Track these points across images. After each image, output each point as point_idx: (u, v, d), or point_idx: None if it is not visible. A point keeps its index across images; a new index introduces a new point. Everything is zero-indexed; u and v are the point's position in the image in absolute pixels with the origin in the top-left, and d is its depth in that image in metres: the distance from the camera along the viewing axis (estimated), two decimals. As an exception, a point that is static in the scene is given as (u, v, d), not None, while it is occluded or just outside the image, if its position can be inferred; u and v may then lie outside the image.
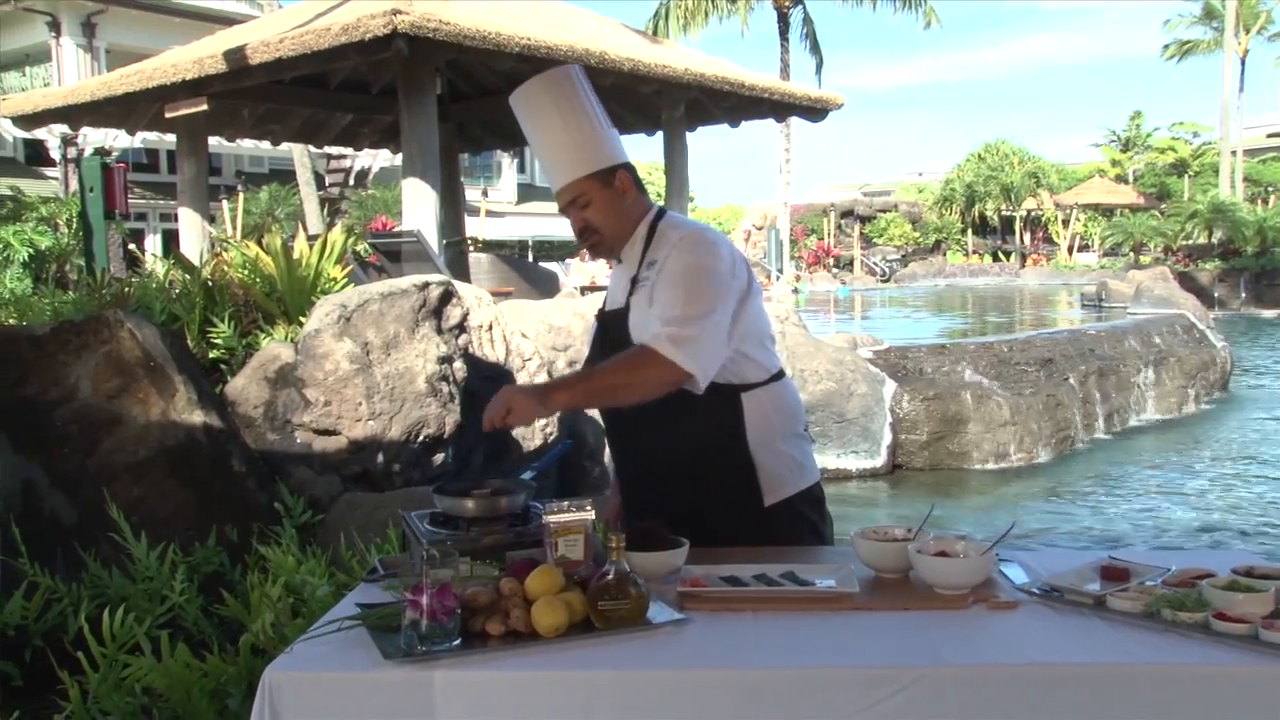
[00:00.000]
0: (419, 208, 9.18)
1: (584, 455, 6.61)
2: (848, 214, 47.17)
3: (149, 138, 16.67)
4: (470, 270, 11.17)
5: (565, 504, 2.08)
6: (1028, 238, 46.03)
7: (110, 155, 15.42)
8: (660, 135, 11.98)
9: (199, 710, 2.61)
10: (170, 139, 12.59)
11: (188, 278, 6.18)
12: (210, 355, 5.41)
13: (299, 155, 18.44)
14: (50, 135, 18.69)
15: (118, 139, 17.70)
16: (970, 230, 46.05)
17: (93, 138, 18.04)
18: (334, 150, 19.60)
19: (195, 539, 3.99)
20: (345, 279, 6.36)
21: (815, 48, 30.57)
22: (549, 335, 7.02)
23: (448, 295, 5.48)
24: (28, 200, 12.86)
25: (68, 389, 4.19)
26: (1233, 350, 14.27)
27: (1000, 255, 43.55)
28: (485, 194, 28.33)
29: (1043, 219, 45.62)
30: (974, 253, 44.10)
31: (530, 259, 24.29)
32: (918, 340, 11.67)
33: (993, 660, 1.76)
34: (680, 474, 2.50)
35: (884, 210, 49.76)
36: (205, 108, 9.90)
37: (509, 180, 33.94)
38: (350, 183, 22.66)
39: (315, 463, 4.84)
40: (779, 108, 12.24)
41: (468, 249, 12.27)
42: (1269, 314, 26.24)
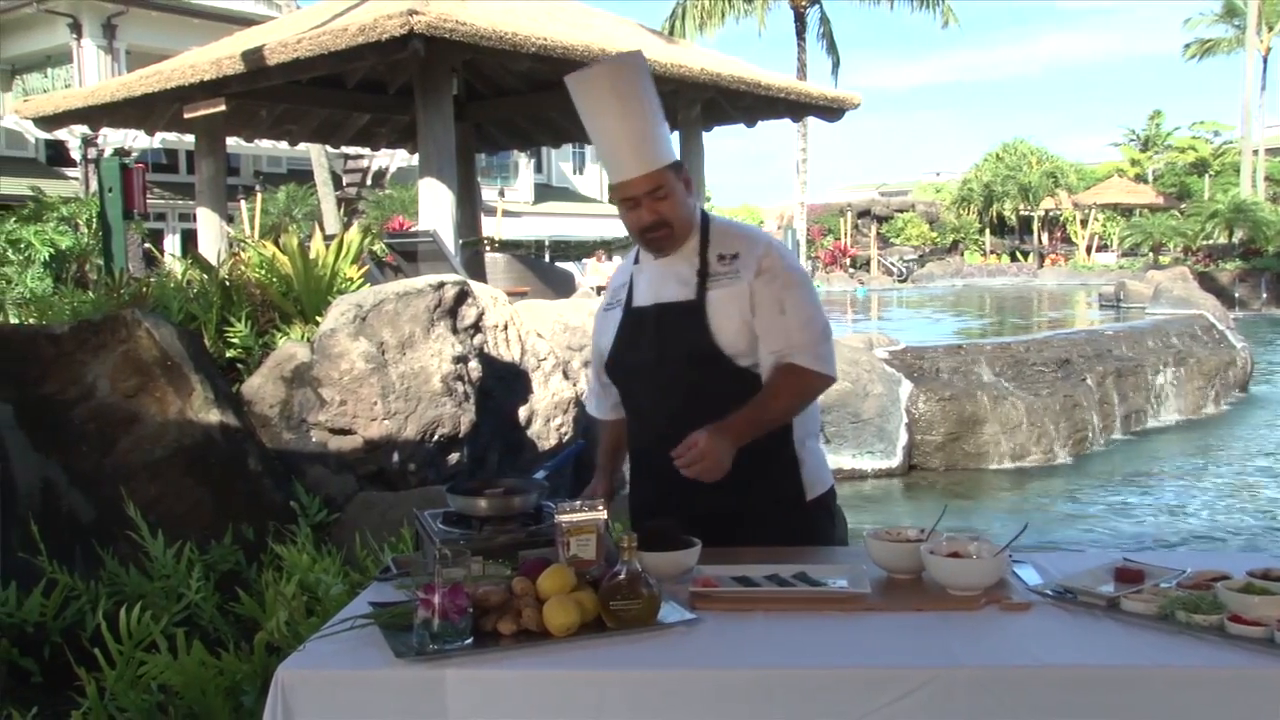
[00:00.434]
0: (435, 208, 9.20)
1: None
2: (865, 214, 47.06)
3: (168, 138, 16.75)
4: (486, 270, 11.19)
5: (578, 503, 2.08)
6: (1046, 238, 45.83)
7: (130, 156, 15.50)
8: (676, 135, 11.98)
9: (214, 707, 2.63)
10: (189, 139, 12.65)
11: (205, 277, 6.21)
12: (227, 354, 5.43)
13: (316, 155, 18.50)
14: (71, 136, 18.80)
15: (137, 139, 17.79)
16: (988, 230, 45.88)
17: (113, 138, 18.14)
18: (351, 150, 19.68)
19: (211, 537, 4.02)
20: (361, 279, 6.38)
21: (832, 47, 30.49)
22: (564, 335, 7.03)
23: (463, 295, 5.49)
24: (49, 200, 12.93)
25: (86, 388, 4.22)
26: (1253, 351, 14.16)
27: (1018, 255, 43.35)
28: (502, 194, 28.39)
29: (1061, 219, 45.42)
30: (991, 253, 43.93)
31: (547, 259, 24.31)
32: (934, 340, 11.61)
33: (1005, 662, 1.75)
34: (730, 472, 2.42)
35: (901, 210, 49.64)
36: (223, 108, 9.97)
37: (526, 180, 33.99)
38: (368, 183, 22.72)
39: (331, 462, 4.86)
40: (795, 107, 12.21)
41: (484, 249, 12.30)
42: (1290, 314, 26.04)
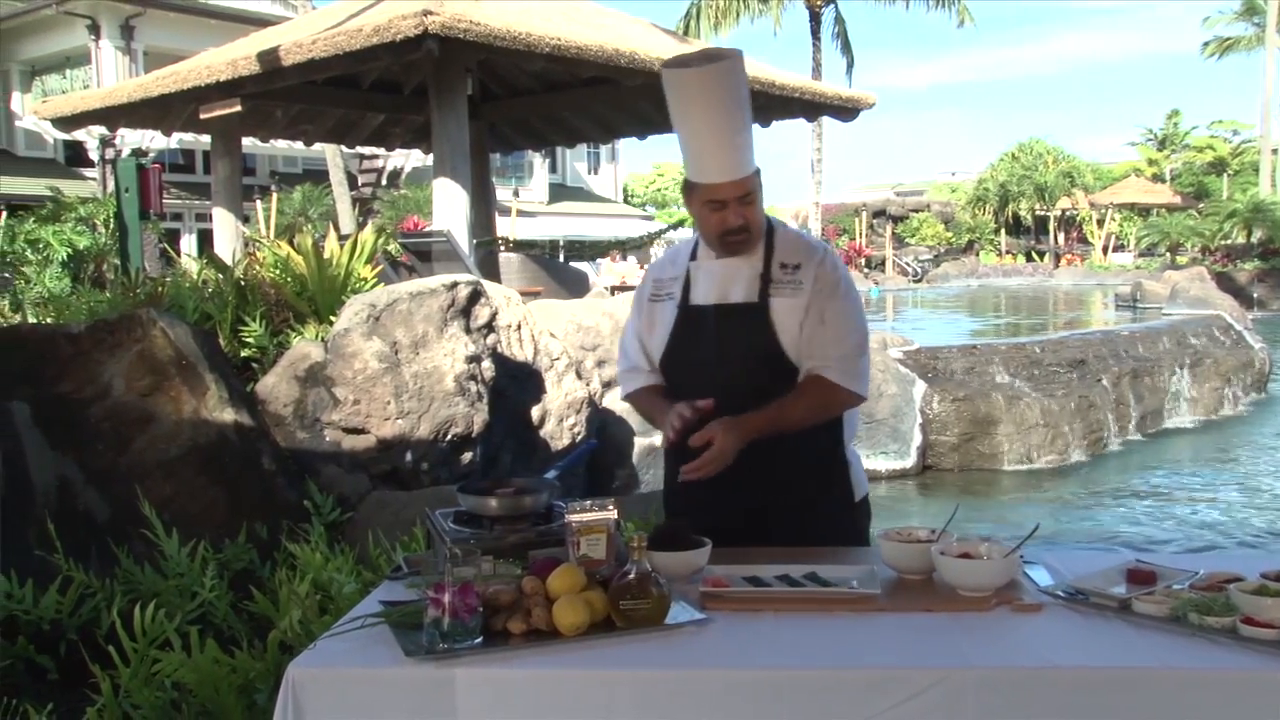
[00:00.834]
0: (449, 208, 9.22)
1: (611, 457, 6.63)
2: (880, 214, 46.92)
3: (185, 139, 16.82)
4: (500, 270, 11.22)
5: (588, 503, 2.09)
6: (1062, 238, 45.60)
7: (147, 156, 15.58)
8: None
9: (227, 705, 2.64)
10: (206, 140, 12.70)
11: (220, 277, 6.24)
12: (242, 354, 5.46)
13: (332, 155, 18.56)
14: (89, 136, 18.89)
15: (154, 140, 17.86)
16: (1004, 230, 45.69)
17: (130, 139, 18.22)
18: (366, 150, 19.71)
19: (225, 536, 4.03)
20: (375, 279, 6.40)
21: (847, 47, 30.41)
22: (577, 335, 7.04)
23: (476, 295, 5.50)
24: (67, 201, 13.01)
25: (101, 387, 4.25)
26: (1271, 351, 14.05)
27: (1034, 255, 43.16)
28: (517, 194, 28.42)
29: (1077, 219, 45.19)
30: (1007, 253, 43.73)
31: (561, 259, 24.32)
32: (949, 341, 11.57)
33: (1015, 663, 1.75)
34: (782, 473, 2.46)
35: (916, 210, 49.48)
36: (239, 108, 10.00)
37: (540, 180, 34.03)
38: (383, 183, 22.77)
39: (344, 461, 4.88)
40: (810, 107, 12.17)
41: (498, 249, 12.31)
42: (1310, 314, 25.80)
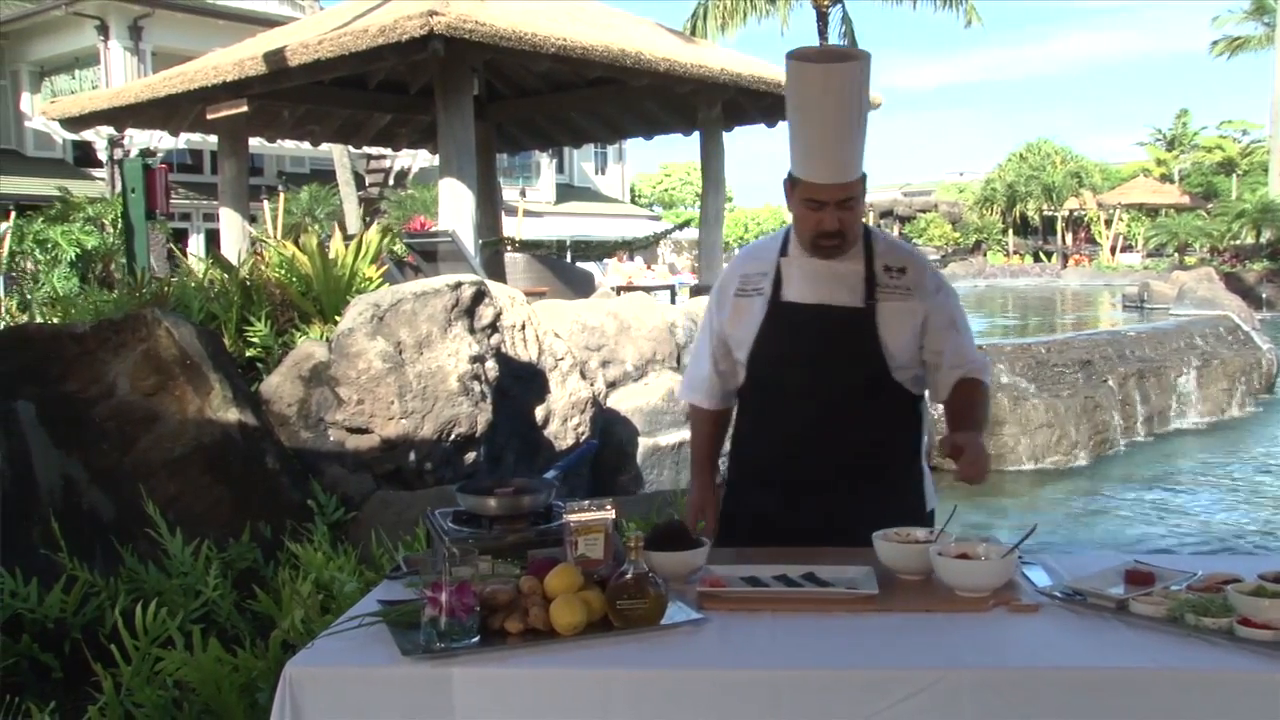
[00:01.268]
0: (455, 208, 9.23)
1: (615, 457, 6.63)
2: (887, 214, 46.91)
3: (192, 139, 16.89)
4: (506, 270, 11.21)
5: (586, 503, 2.09)
6: (1070, 238, 45.48)
7: (155, 156, 15.61)
8: (697, 135, 11.97)
9: (229, 704, 2.65)
10: (214, 140, 12.74)
11: (225, 277, 6.26)
12: (247, 354, 5.48)
13: (338, 155, 18.58)
14: (97, 137, 18.97)
15: (162, 140, 17.92)
16: (1011, 231, 45.60)
17: (138, 139, 18.27)
18: (373, 150, 19.72)
19: (229, 535, 4.05)
20: (380, 279, 6.42)
21: (854, 47, 30.36)
22: (582, 335, 7.04)
23: (480, 295, 5.51)
24: (75, 201, 13.09)
25: (106, 386, 4.26)
26: (1279, 353, 14.00)
27: (1041, 256, 43.04)
28: (523, 194, 28.41)
29: (1085, 219, 45.06)
30: (1015, 253, 43.63)
31: (568, 259, 24.29)
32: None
33: (1012, 663, 1.75)
34: (865, 481, 2.46)
35: (924, 210, 49.41)
36: (246, 109, 10.03)
37: (547, 180, 34.03)
38: (390, 183, 22.76)
39: (348, 461, 4.89)
40: (816, 107, 12.14)
41: (504, 249, 12.31)
42: (1319, 315, 25.69)
